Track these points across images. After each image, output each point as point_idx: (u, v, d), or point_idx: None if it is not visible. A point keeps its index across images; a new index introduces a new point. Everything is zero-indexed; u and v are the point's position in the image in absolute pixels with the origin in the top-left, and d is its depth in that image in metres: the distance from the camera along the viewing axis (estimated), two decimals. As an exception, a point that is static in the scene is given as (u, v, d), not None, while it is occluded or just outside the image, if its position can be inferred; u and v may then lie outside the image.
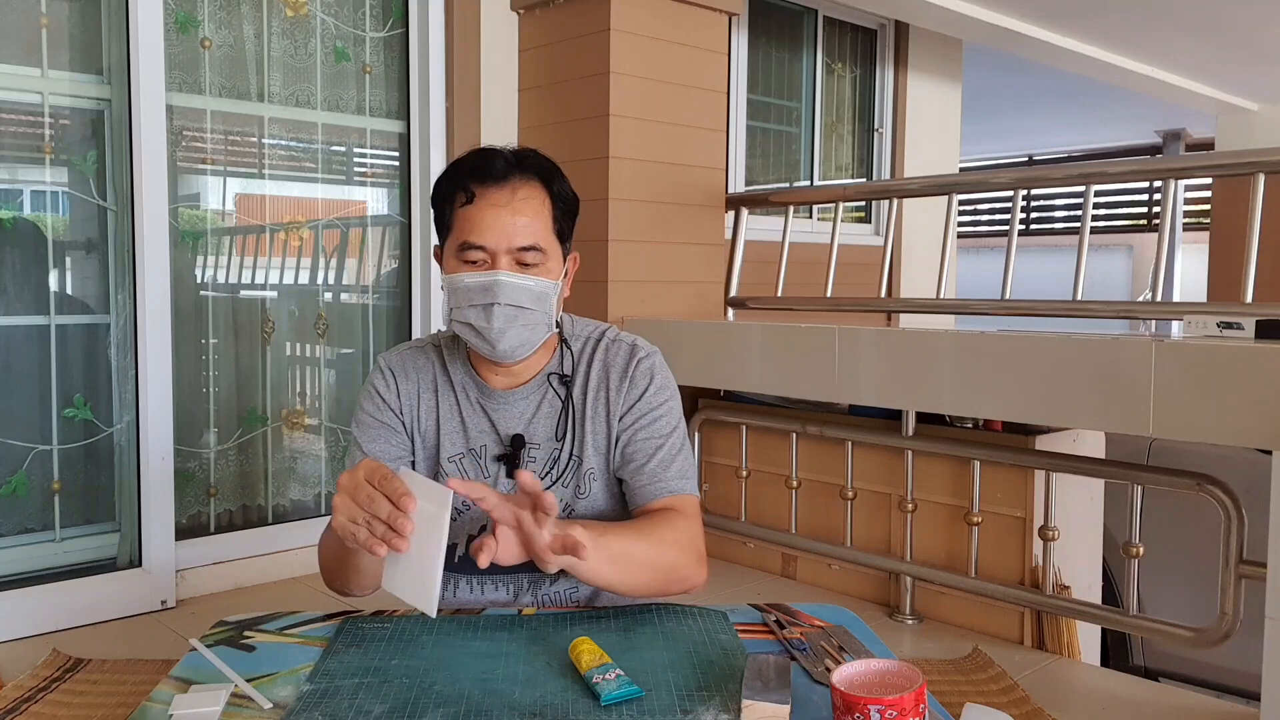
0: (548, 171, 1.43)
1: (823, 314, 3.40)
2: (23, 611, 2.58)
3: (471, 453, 1.48)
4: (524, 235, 1.37)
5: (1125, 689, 2.44)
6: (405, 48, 3.37)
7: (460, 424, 1.48)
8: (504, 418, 1.47)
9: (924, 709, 0.90)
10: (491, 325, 1.36)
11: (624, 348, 1.50)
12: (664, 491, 1.41)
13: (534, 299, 1.38)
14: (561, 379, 1.48)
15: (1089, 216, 2.80)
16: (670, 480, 1.42)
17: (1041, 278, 6.52)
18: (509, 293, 1.36)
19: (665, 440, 1.44)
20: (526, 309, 1.37)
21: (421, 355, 1.52)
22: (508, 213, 1.36)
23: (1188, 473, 2.31)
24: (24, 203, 2.74)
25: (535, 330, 1.40)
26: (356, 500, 1.12)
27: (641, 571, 1.29)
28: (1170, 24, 5.13)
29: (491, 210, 1.36)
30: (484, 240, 1.35)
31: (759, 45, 4.58)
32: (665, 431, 1.44)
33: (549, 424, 1.46)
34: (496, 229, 1.36)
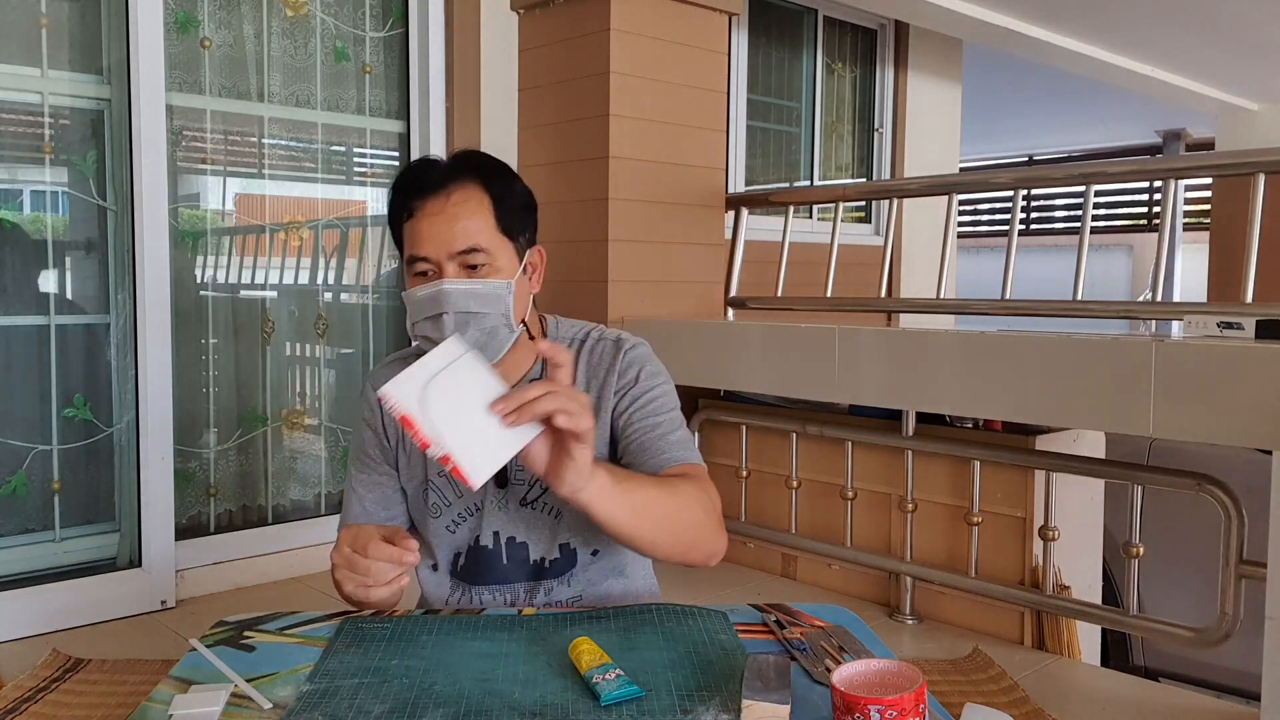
0: (486, 170, 1.41)
1: (823, 314, 3.40)
2: (23, 611, 2.58)
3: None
4: (462, 238, 1.34)
5: (1125, 689, 2.43)
6: (405, 48, 3.37)
7: None
8: None
9: (924, 709, 0.90)
10: (444, 335, 1.33)
11: (608, 344, 1.48)
12: (672, 461, 1.38)
13: (483, 302, 1.35)
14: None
15: (1089, 216, 2.80)
16: (674, 449, 1.40)
17: (1041, 278, 6.52)
18: (455, 299, 1.34)
19: (663, 417, 1.43)
20: (477, 313, 1.35)
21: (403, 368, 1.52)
22: (443, 219, 1.35)
23: (1188, 473, 2.31)
24: (24, 203, 2.74)
25: (494, 335, 1.37)
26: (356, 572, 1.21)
27: (665, 525, 1.25)
28: (1170, 24, 5.13)
29: (428, 220, 1.35)
30: (425, 251, 1.35)
31: (759, 45, 4.58)
32: (663, 410, 1.43)
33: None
34: (434, 237, 1.35)
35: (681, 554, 1.29)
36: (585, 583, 1.47)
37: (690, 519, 1.28)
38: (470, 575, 1.48)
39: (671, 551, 1.28)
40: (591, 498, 1.14)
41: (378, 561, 1.20)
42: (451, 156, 1.43)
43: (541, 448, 1.12)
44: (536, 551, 1.45)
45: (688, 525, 1.28)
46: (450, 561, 1.50)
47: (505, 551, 1.46)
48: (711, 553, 1.32)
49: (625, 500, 1.18)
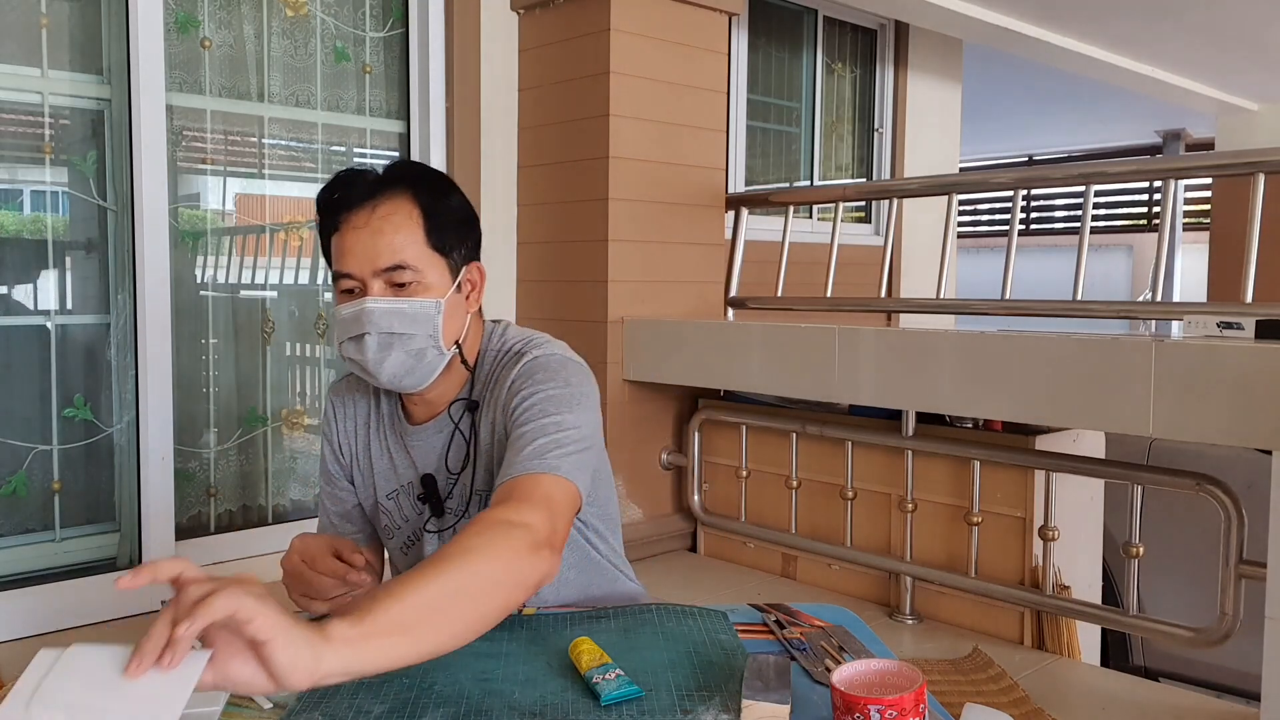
0: (417, 182, 1.32)
1: (823, 314, 3.40)
2: (23, 611, 2.58)
3: (402, 489, 1.44)
4: (386, 255, 1.27)
5: (1125, 689, 2.43)
6: (405, 48, 3.37)
7: (390, 461, 1.44)
8: (422, 453, 1.41)
9: (924, 709, 0.90)
10: (366, 356, 1.28)
11: (513, 356, 1.35)
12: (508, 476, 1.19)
13: (409, 322, 1.28)
14: (468, 405, 1.37)
15: (1089, 216, 2.80)
16: (521, 463, 1.20)
17: (1041, 278, 6.52)
18: (378, 319, 1.27)
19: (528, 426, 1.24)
20: (402, 334, 1.28)
21: (360, 386, 1.48)
22: (367, 234, 1.27)
23: (1188, 473, 2.31)
24: (24, 203, 2.74)
25: (421, 357, 1.30)
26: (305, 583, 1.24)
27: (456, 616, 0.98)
28: (1170, 24, 5.13)
29: (353, 235, 1.28)
30: (349, 267, 1.28)
31: (759, 45, 4.58)
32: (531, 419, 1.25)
33: (459, 457, 1.38)
34: (358, 253, 1.27)
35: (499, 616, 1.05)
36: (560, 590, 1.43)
37: (483, 583, 1.02)
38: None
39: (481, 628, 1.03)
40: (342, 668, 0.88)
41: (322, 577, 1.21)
42: (385, 168, 1.34)
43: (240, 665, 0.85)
44: None
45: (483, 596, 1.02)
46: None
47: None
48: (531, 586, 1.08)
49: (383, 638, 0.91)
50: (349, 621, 0.89)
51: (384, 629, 0.91)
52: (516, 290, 3.57)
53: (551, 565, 1.10)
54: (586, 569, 1.46)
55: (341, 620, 0.89)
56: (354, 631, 0.89)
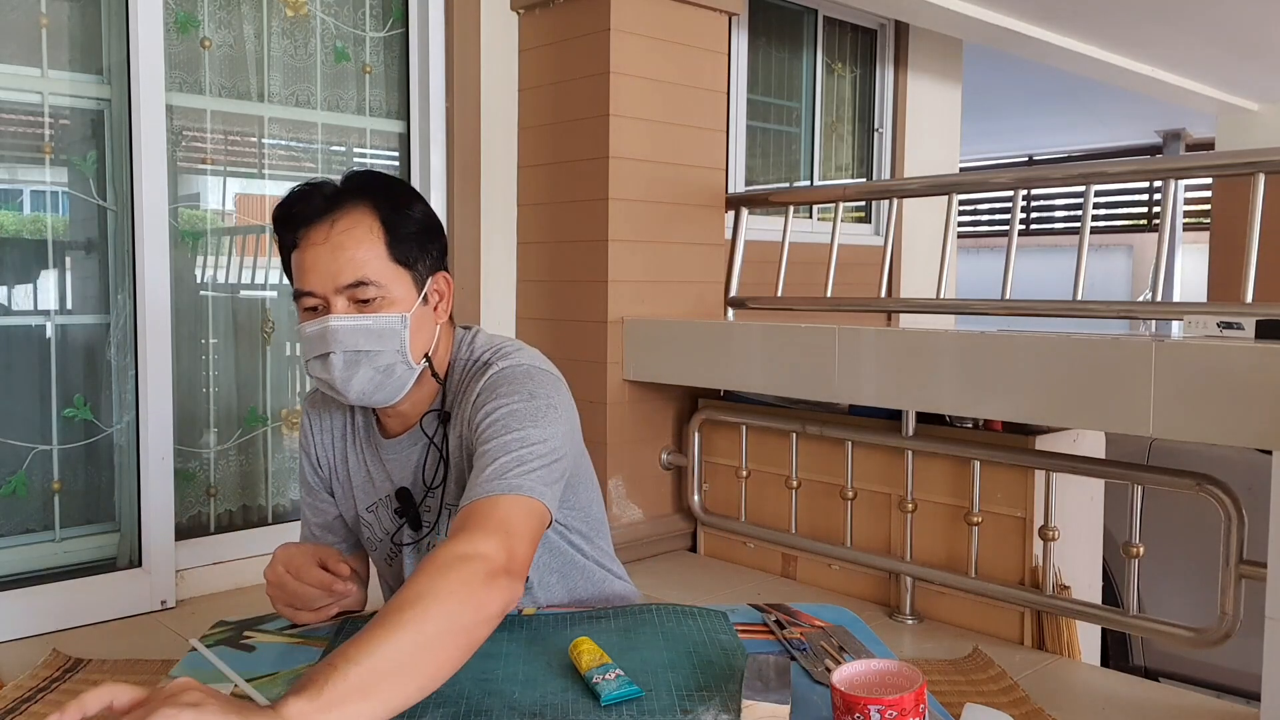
0: (376, 193, 1.28)
1: (823, 314, 3.40)
2: (23, 611, 2.58)
3: (380, 503, 1.43)
4: (347, 271, 1.23)
5: (1125, 689, 2.43)
6: (405, 48, 3.37)
7: (367, 474, 1.44)
8: (396, 467, 1.40)
9: (924, 709, 0.90)
10: (333, 375, 1.26)
11: (480, 367, 1.32)
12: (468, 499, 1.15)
13: (374, 338, 1.25)
14: (439, 416, 1.35)
15: (1089, 216, 2.80)
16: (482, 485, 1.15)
17: (1041, 278, 6.52)
18: (342, 337, 1.24)
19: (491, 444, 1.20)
20: (368, 351, 1.25)
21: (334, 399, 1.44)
22: (327, 250, 1.24)
23: (1188, 473, 2.31)
24: (24, 203, 2.74)
25: (389, 373, 1.27)
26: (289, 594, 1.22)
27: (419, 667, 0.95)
28: (1170, 24, 5.13)
29: (313, 251, 1.25)
30: (310, 285, 1.25)
31: (759, 45, 4.58)
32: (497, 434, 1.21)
33: (433, 468, 1.36)
34: (318, 270, 1.24)
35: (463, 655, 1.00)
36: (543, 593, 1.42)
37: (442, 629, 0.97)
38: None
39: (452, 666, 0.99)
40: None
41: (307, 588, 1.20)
42: (344, 179, 1.30)
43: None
44: None
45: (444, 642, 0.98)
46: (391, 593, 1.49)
47: None
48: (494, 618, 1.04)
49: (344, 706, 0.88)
50: (306, 696, 0.87)
51: (343, 696, 0.88)
52: (516, 290, 3.57)
53: (511, 592, 1.05)
54: (570, 573, 1.44)
55: (298, 697, 0.87)
56: (311, 707, 0.86)
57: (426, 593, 0.99)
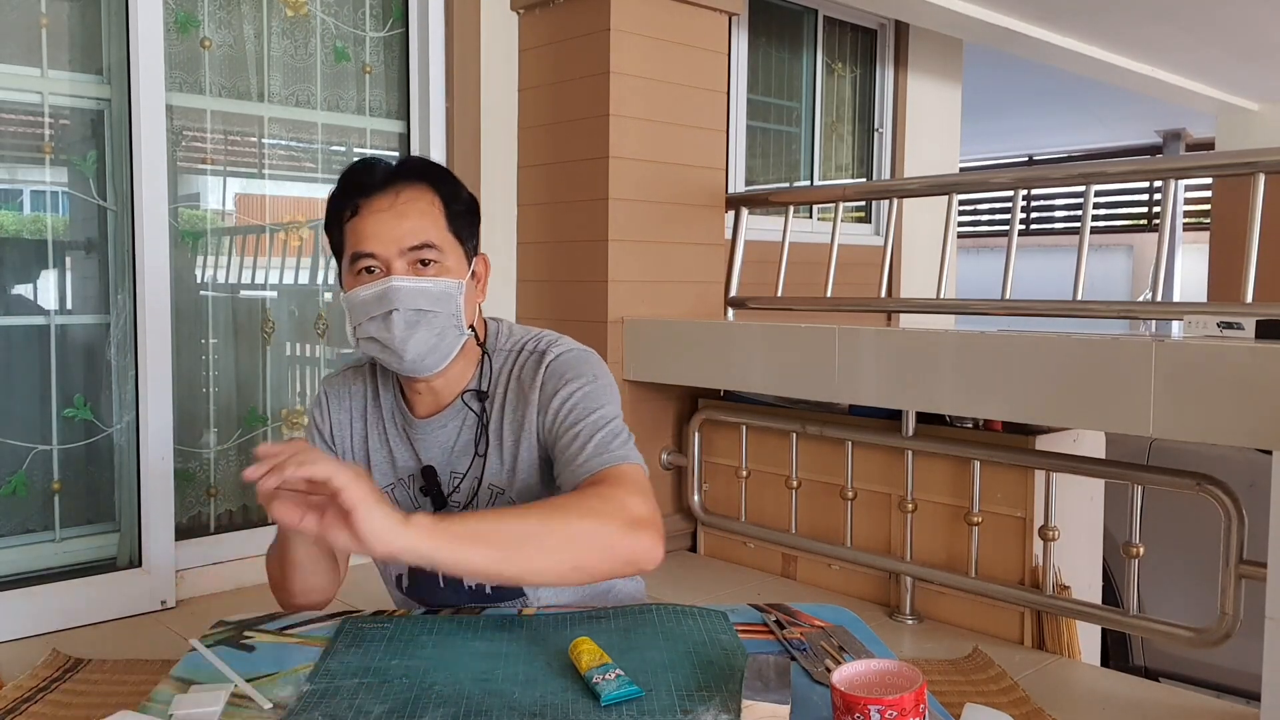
0: (433, 174, 1.37)
1: (823, 314, 3.40)
2: (23, 611, 2.58)
3: (400, 483, 1.44)
4: (413, 235, 1.30)
5: (1125, 689, 2.44)
6: (405, 48, 3.37)
7: (389, 454, 1.45)
8: (426, 447, 1.42)
9: (924, 709, 0.90)
10: (393, 334, 1.29)
11: (535, 356, 1.40)
12: (589, 469, 1.27)
13: (434, 300, 1.31)
14: (478, 396, 1.40)
15: (1089, 216, 2.80)
16: (595, 455, 1.28)
17: (1041, 278, 6.52)
18: (405, 297, 1.29)
19: (582, 424, 1.31)
20: (428, 311, 1.31)
21: (358, 378, 1.49)
22: (392, 215, 1.30)
23: (1188, 473, 2.31)
24: (24, 203, 2.74)
25: (444, 336, 1.33)
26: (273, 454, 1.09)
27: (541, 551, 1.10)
28: (1170, 24, 5.13)
29: (375, 216, 1.31)
30: (373, 247, 1.30)
31: (759, 45, 4.58)
32: (583, 415, 1.32)
33: (469, 448, 1.40)
34: (383, 233, 1.30)
35: (590, 573, 1.15)
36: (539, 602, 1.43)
37: (583, 533, 1.12)
38: (418, 595, 1.47)
39: (570, 575, 1.15)
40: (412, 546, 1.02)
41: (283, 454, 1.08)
42: (396, 160, 1.38)
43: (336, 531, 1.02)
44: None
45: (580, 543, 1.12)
46: (396, 581, 1.49)
47: (441, 575, 1.41)
48: (631, 560, 1.16)
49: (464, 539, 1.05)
50: (433, 518, 1.05)
51: (463, 535, 1.05)
52: (516, 290, 3.57)
53: (654, 546, 1.16)
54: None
55: (429, 516, 1.05)
56: (433, 524, 1.04)
57: (572, 506, 1.16)
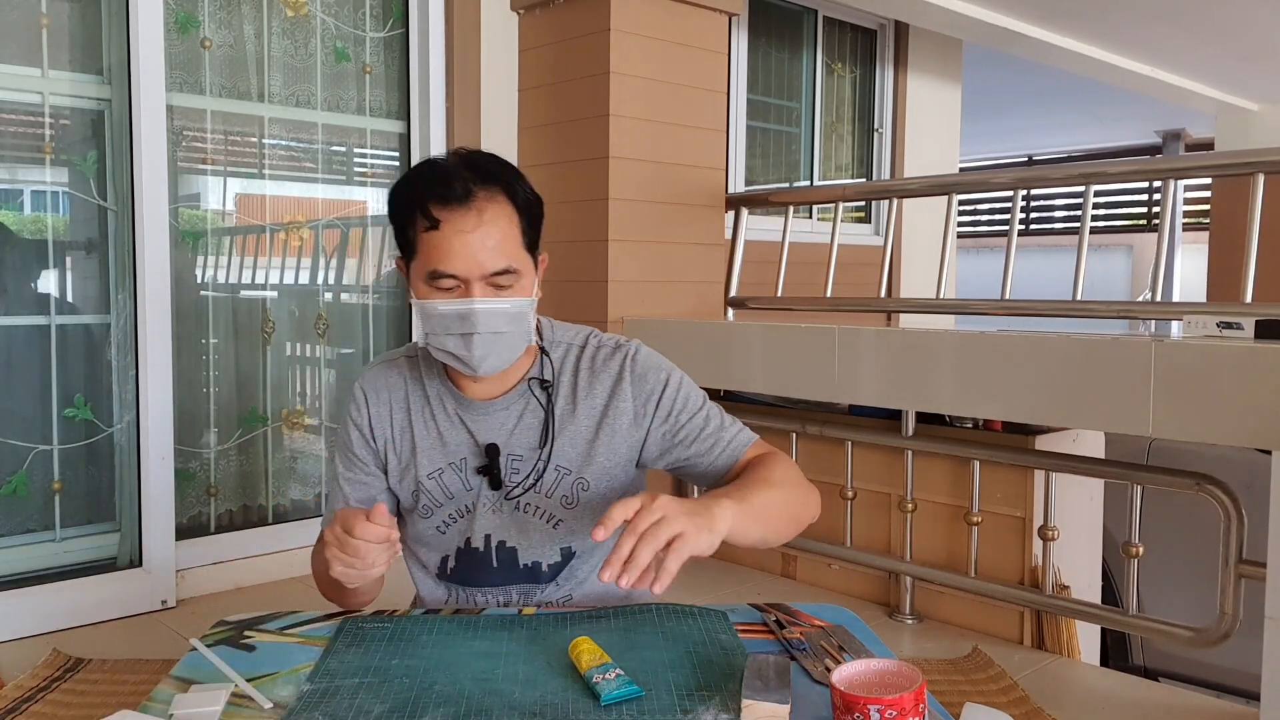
0: (509, 179, 1.36)
1: (823, 314, 3.40)
2: (23, 611, 2.58)
3: (452, 466, 1.45)
4: (495, 259, 1.31)
5: (1125, 689, 2.44)
6: (405, 48, 3.37)
7: (438, 438, 1.45)
8: (483, 428, 1.44)
9: (924, 709, 0.90)
10: (472, 353, 1.33)
11: (608, 349, 1.48)
12: (741, 448, 1.44)
13: (510, 320, 1.34)
14: (543, 385, 1.45)
15: (1089, 216, 2.80)
16: (736, 437, 1.45)
17: (1041, 278, 6.52)
18: (486, 320, 1.32)
19: (704, 410, 1.46)
20: (504, 332, 1.34)
21: (394, 371, 1.50)
22: (476, 238, 1.30)
23: (1188, 473, 2.31)
24: (24, 203, 2.74)
25: (515, 349, 1.38)
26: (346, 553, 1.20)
27: (781, 519, 1.33)
28: (1170, 24, 5.13)
29: (459, 238, 1.29)
30: (454, 269, 1.30)
31: (759, 45, 4.58)
32: (699, 404, 1.46)
33: (532, 433, 1.43)
34: (466, 257, 1.30)
35: (795, 533, 1.38)
36: (575, 583, 1.47)
37: (795, 500, 1.37)
38: (462, 577, 1.47)
39: (788, 536, 1.37)
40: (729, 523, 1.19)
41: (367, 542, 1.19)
42: (468, 161, 1.34)
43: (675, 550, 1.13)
44: (527, 555, 1.44)
45: (798, 506, 1.38)
46: (439, 564, 1.49)
47: (495, 555, 1.45)
48: (815, 513, 1.43)
49: (752, 522, 1.24)
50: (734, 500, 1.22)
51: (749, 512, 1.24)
52: (516, 290, 3.57)
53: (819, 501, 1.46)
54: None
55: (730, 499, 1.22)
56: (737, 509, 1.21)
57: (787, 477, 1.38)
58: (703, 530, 1.14)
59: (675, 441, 1.44)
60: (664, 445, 1.45)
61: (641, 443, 1.45)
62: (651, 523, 1.11)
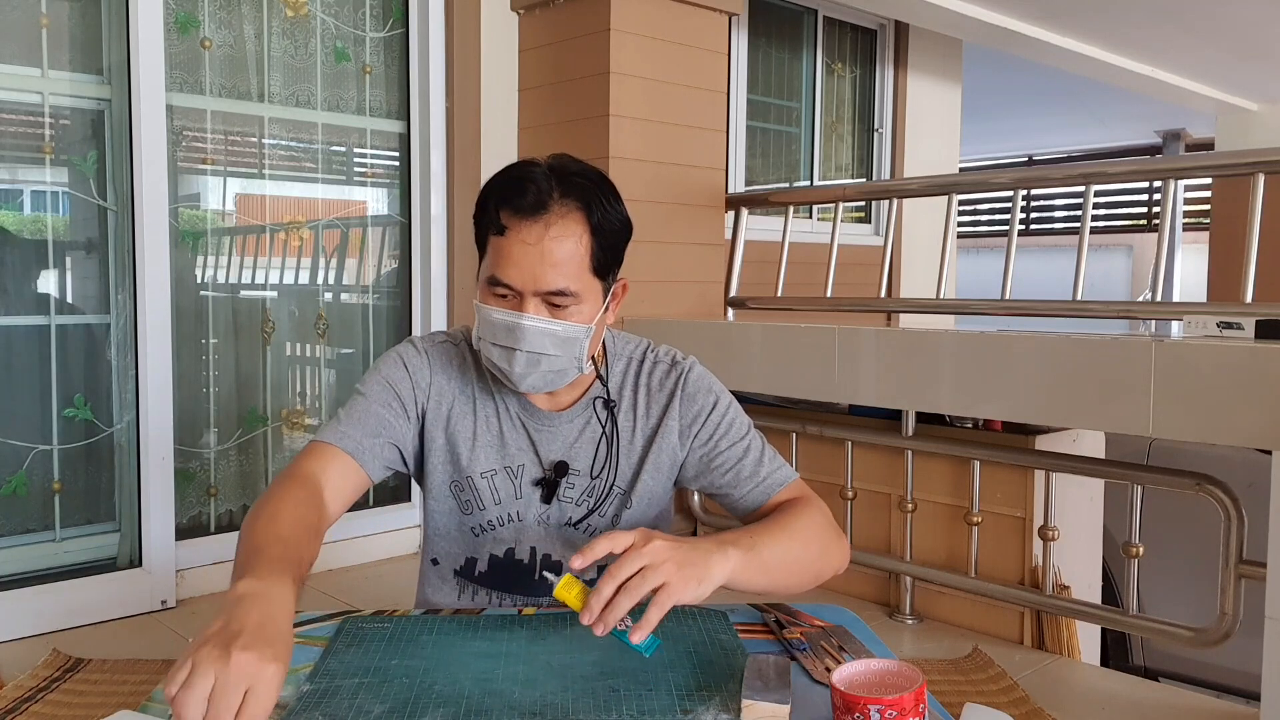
0: (590, 197, 1.30)
1: (823, 314, 3.40)
2: (23, 611, 2.58)
3: (507, 470, 1.41)
4: (553, 279, 1.26)
5: (1125, 689, 2.44)
6: (405, 48, 3.37)
7: (499, 438, 1.41)
8: (546, 440, 1.41)
9: (924, 709, 0.90)
10: (512, 369, 1.30)
11: (664, 366, 1.46)
12: (775, 487, 1.40)
13: (558, 344, 1.29)
14: (605, 403, 1.43)
15: (1089, 216, 2.80)
16: (773, 475, 1.40)
17: (1041, 278, 6.52)
18: (531, 339, 1.28)
19: (745, 440, 1.42)
20: (549, 355, 1.30)
21: (457, 354, 1.43)
22: (537, 253, 1.25)
23: (1188, 473, 2.31)
24: (24, 203, 2.74)
25: (561, 375, 1.34)
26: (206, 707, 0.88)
27: (793, 573, 1.27)
28: (1170, 24, 5.13)
29: (521, 248, 1.25)
30: (510, 279, 1.26)
31: (759, 45, 4.58)
32: (742, 433, 1.43)
33: (589, 450, 1.42)
34: (524, 270, 1.25)
35: (811, 584, 1.32)
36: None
37: (814, 554, 1.31)
38: (496, 583, 1.43)
39: (803, 588, 1.30)
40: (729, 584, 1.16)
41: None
42: (553, 171, 1.30)
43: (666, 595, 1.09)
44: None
45: (815, 561, 1.31)
46: (464, 564, 1.45)
47: (540, 567, 1.42)
48: (837, 568, 1.35)
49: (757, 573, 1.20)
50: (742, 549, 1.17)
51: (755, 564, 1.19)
52: (516, 290, 3.57)
53: (848, 552, 1.37)
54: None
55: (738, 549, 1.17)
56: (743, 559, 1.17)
57: (811, 528, 1.32)
58: (691, 581, 1.08)
59: (710, 467, 1.41)
60: (699, 468, 1.43)
61: (681, 463, 1.43)
62: (636, 570, 1.06)
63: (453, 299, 3.41)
